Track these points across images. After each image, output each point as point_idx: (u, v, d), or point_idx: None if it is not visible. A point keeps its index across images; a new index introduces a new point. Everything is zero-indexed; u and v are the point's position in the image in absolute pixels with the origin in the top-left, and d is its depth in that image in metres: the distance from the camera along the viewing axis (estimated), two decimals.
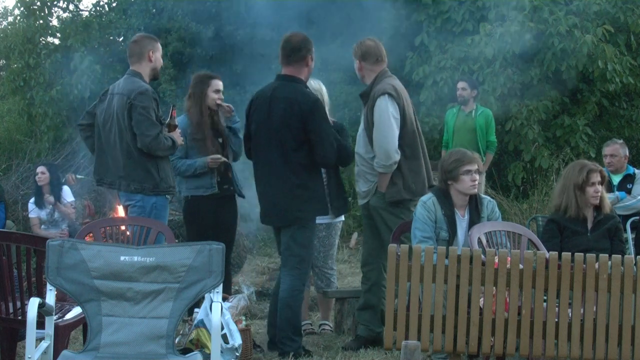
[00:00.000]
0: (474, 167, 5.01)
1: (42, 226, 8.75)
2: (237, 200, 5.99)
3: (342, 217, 6.06)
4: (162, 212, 5.39)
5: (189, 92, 5.93)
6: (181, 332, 4.69)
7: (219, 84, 5.88)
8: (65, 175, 9.59)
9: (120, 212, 5.92)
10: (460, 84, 8.82)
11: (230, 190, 5.87)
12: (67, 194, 8.84)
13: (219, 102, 5.84)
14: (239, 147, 5.97)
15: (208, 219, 5.78)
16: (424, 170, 5.46)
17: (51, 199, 8.66)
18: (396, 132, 5.29)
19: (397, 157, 5.28)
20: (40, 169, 8.82)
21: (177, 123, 5.52)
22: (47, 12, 13.93)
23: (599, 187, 5.24)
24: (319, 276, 6.09)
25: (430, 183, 5.49)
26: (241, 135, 5.88)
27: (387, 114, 5.27)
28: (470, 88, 8.73)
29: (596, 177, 5.23)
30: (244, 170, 6.37)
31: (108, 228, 5.28)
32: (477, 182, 5.05)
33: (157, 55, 5.50)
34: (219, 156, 5.72)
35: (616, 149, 7.14)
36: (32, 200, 8.92)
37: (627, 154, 7.19)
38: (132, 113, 5.27)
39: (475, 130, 8.60)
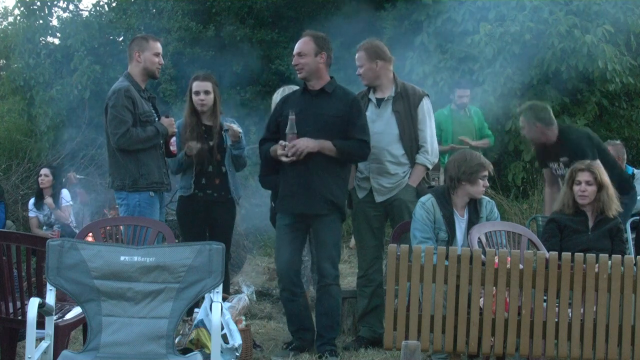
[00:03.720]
0: (488, 174, 5.12)
1: (44, 227, 8.76)
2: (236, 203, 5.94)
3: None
4: (146, 210, 5.34)
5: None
6: (181, 332, 4.68)
7: (200, 85, 5.72)
8: (66, 175, 9.59)
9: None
10: (464, 92, 8.64)
11: (214, 196, 5.75)
12: (67, 196, 8.84)
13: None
14: (239, 165, 5.92)
15: (199, 219, 5.75)
16: None
17: (50, 201, 8.66)
18: None
19: None
20: (44, 171, 8.81)
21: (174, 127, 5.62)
22: (47, 12, 13.92)
23: (586, 186, 5.25)
24: None
25: None
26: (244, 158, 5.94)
27: (432, 115, 5.55)
28: (470, 93, 8.74)
29: (582, 176, 5.27)
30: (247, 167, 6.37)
31: (108, 228, 5.29)
32: None
33: (147, 54, 5.47)
34: (194, 142, 5.61)
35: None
36: (32, 200, 8.93)
37: (622, 155, 7.11)
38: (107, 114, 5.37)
39: (474, 130, 8.60)
